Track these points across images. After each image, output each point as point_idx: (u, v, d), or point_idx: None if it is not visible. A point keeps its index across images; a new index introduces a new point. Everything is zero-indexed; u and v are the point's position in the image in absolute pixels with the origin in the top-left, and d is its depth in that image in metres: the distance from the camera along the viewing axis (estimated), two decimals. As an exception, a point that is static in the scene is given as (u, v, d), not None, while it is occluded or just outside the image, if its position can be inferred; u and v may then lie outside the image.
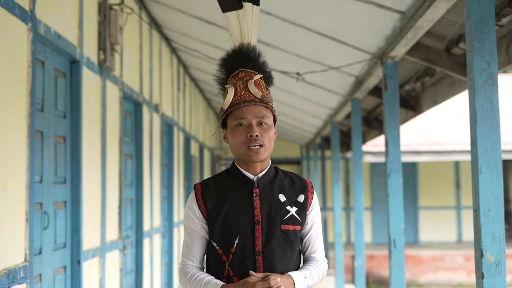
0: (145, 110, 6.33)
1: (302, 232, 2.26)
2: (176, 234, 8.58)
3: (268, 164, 2.25)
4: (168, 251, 8.00)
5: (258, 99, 2.18)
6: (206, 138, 12.68)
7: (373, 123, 8.76)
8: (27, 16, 3.26)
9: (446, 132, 14.20)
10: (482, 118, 2.65)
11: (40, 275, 3.60)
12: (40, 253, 3.60)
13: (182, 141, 9.27)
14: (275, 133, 2.24)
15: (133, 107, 6.03)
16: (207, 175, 13.18)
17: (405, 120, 7.06)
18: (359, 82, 5.91)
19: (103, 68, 4.73)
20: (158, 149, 7.01)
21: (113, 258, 5.07)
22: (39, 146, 3.59)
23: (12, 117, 3.09)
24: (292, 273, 2.15)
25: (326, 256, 12.56)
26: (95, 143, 4.57)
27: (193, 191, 2.26)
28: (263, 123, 2.18)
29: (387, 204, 4.63)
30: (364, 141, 10.16)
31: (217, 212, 2.18)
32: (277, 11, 4.73)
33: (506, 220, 18.10)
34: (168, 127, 7.99)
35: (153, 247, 6.69)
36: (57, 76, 3.95)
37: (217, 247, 2.18)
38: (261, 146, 2.16)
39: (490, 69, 2.67)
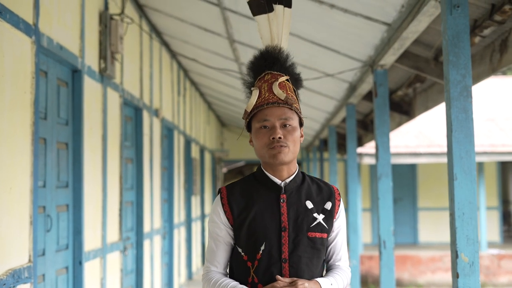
0: (146, 115, 6.52)
1: (328, 239, 2.21)
2: (177, 235, 8.77)
3: (295, 169, 2.20)
4: (168, 252, 8.19)
5: (282, 100, 2.13)
6: (206, 141, 12.88)
7: (369, 127, 8.93)
8: (31, 30, 3.44)
9: (445, 134, 14.36)
10: (457, 128, 2.82)
11: (43, 275, 3.78)
12: (43, 254, 3.79)
13: (183, 144, 9.46)
14: (301, 136, 2.19)
15: (133, 112, 6.22)
16: (208, 176, 13.37)
17: (399, 124, 7.23)
18: (352, 88, 6.08)
19: (104, 76, 4.91)
20: (158, 153, 7.19)
21: (114, 259, 5.25)
22: (42, 153, 3.77)
23: (17, 126, 3.27)
24: (319, 279, 2.12)
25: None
26: (96, 148, 4.75)
27: (219, 195, 2.20)
28: (287, 125, 2.12)
29: (377, 207, 4.81)
30: (362, 143, 10.33)
31: (244, 218, 2.14)
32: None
33: (507, 221, 18.25)
34: (168, 131, 8.17)
35: (153, 248, 6.87)
36: (60, 85, 4.13)
37: (243, 253, 2.14)
38: (284, 147, 2.11)
39: (465, 82, 2.84)
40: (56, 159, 4.03)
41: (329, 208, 2.19)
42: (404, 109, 6.81)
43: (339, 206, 2.22)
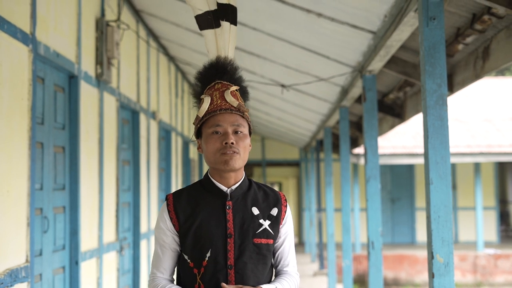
0: (142, 118, 6.66)
1: (275, 245, 2.24)
2: (174, 235, 8.90)
3: (242, 176, 2.23)
4: (166, 252, 8.32)
5: (235, 107, 2.18)
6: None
7: (364, 128, 9.03)
8: (28, 39, 3.58)
9: (441, 135, 14.46)
10: (433, 135, 2.95)
11: (40, 274, 3.92)
12: (40, 254, 3.93)
13: (180, 146, 9.60)
14: (249, 145, 2.22)
15: (130, 115, 6.36)
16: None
17: (392, 126, 7.37)
18: (345, 92, 6.21)
19: (101, 81, 5.05)
20: (155, 154, 7.33)
21: (110, 259, 5.40)
22: (39, 156, 3.91)
23: (15, 131, 3.41)
24: (264, 286, 2.15)
25: (320, 256, 12.86)
26: (92, 151, 4.89)
27: (165, 202, 2.23)
28: (239, 132, 2.17)
29: (367, 208, 4.95)
30: (358, 144, 10.47)
31: (189, 225, 2.16)
32: (263, 27, 5.05)
33: (504, 221, 18.37)
34: (166, 133, 8.31)
35: (150, 248, 7.01)
36: (57, 91, 4.27)
37: (189, 260, 2.16)
38: (236, 153, 2.14)
39: (441, 91, 2.97)
40: (53, 162, 4.17)
41: (275, 214, 2.22)
42: (396, 112, 6.93)
43: (285, 212, 2.26)
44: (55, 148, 4.23)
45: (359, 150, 12.94)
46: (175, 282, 2.25)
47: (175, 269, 2.26)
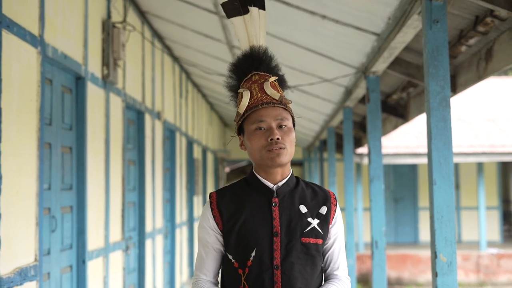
0: (148, 118, 6.71)
1: (324, 247, 2.10)
2: (178, 234, 8.97)
3: (289, 172, 2.10)
4: (170, 251, 8.39)
5: (277, 100, 2.04)
6: (209, 141, 13.07)
7: (368, 128, 9.08)
8: (37, 41, 3.64)
9: (444, 135, 14.47)
10: (436, 136, 3.00)
11: (48, 273, 3.98)
12: (48, 253, 3.98)
13: (185, 145, 9.65)
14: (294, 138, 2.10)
15: (135, 115, 6.41)
16: (210, 177, 13.57)
17: (395, 126, 7.42)
18: (348, 92, 6.26)
19: (107, 82, 5.11)
20: (160, 154, 7.39)
21: (117, 258, 5.45)
22: (47, 157, 3.97)
23: (24, 132, 3.46)
24: None
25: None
26: (99, 151, 4.95)
27: (208, 200, 2.11)
28: (283, 126, 2.03)
29: (370, 208, 4.99)
30: (362, 144, 10.52)
31: (233, 223, 2.04)
32: (267, 28, 5.09)
33: (507, 221, 18.39)
34: (170, 133, 8.37)
35: (155, 247, 7.06)
36: (64, 92, 4.33)
37: (233, 260, 2.04)
38: (282, 149, 2.01)
39: (444, 93, 3.02)
40: (60, 162, 4.23)
41: (324, 213, 2.09)
42: (400, 112, 6.98)
43: (335, 211, 2.12)
44: (63, 149, 4.29)
45: (363, 149, 12.98)
46: (219, 285, 2.13)
47: (220, 271, 2.15)
